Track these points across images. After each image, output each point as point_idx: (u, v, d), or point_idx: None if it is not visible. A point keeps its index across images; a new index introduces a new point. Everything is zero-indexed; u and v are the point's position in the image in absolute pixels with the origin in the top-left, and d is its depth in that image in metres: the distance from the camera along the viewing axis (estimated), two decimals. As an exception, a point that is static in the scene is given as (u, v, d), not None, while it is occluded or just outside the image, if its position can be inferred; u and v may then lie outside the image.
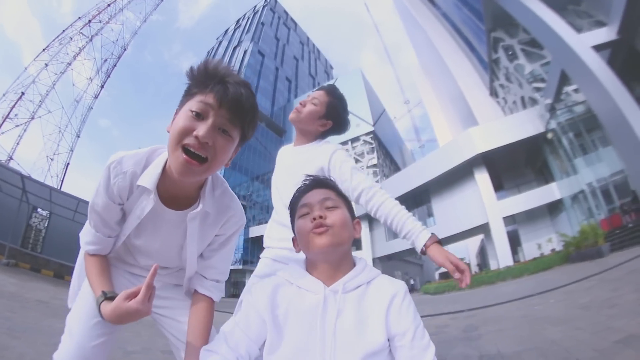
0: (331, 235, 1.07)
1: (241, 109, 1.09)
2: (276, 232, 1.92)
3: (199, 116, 1.04)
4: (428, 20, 52.52)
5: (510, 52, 27.34)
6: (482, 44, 31.92)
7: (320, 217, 1.09)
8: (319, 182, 1.25)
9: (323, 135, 2.07)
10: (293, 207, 1.25)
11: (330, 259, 1.11)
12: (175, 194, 1.23)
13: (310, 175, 1.28)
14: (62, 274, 14.72)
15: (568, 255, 14.23)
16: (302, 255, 1.21)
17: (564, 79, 18.97)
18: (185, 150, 1.04)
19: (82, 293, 1.32)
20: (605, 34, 17.13)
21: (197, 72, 1.09)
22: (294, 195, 1.26)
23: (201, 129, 1.02)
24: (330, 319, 1.01)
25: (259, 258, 2.00)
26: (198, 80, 1.08)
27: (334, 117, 2.05)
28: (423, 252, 1.54)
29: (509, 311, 6.52)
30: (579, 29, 18.26)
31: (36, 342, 3.71)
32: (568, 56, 17.07)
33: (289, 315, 1.04)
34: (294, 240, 1.23)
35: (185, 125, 1.04)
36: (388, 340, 1.01)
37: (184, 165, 1.04)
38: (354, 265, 1.16)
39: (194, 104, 1.05)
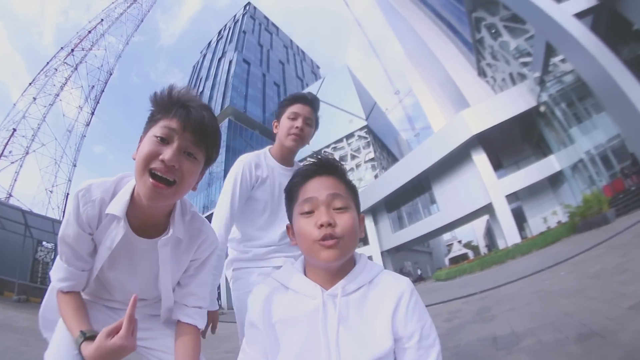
0: (340, 248, 0.95)
1: (204, 132, 1.11)
2: (272, 251, 1.93)
3: (164, 141, 1.06)
4: (408, 9, 52.61)
5: (493, 30, 27.23)
6: (464, 25, 31.89)
7: (330, 224, 0.95)
8: (326, 166, 1.08)
9: None
10: (291, 193, 1.10)
11: (334, 269, 1.01)
12: (145, 222, 1.21)
13: (316, 155, 1.14)
14: (74, 304, 14.75)
15: (574, 225, 14.20)
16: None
17: (550, 51, 18.84)
18: (152, 174, 1.05)
19: (59, 327, 1.26)
20: (586, 0, 17.03)
21: (159, 98, 1.11)
22: (293, 178, 1.11)
23: (167, 153, 1.04)
24: (331, 325, 0.93)
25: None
26: (161, 106, 1.10)
27: (316, 129, 2.06)
28: None
29: (521, 289, 6.52)
30: (558, -1, 18.22)
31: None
32: (551, 27, 16.93)
33: (287, 323, 0.97)
34: (288, 228, 1.13)
35: (150, 150, 1.05)
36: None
37: (152, 189, 1.05)
38: (355, 263, 1.07)
39: (158, 130, 1.07)
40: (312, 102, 1.99)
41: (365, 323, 0.95)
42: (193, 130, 1.08)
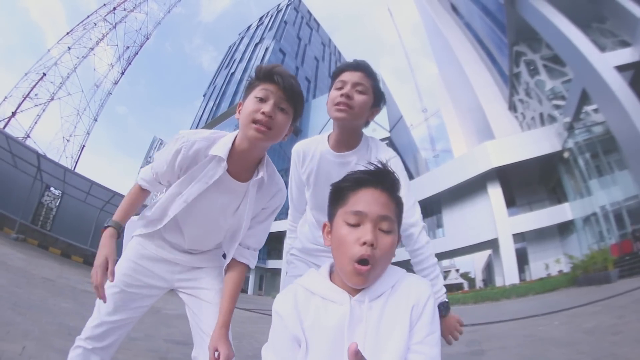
0: (370, 277, 0.96)
1: (293, 92, 1.44)
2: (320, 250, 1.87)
3: (262, 100, 1.39)
4: (451, 29, 52.04)
5: (531, 67, 27.02)
6: (503, 56, 31.53)
7: (372, 244, 0.94)
8: (382, 179, 1.05)
9: (366, 125, 1.72)
10: (339, 193, 1.07)
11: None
12: (240, 166, 1.51)
13: (370, 165, 1.07)
14: (69, 253, 14.83)
15: (575, 278, 13.98)
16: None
17: (585, 98, 18.68)
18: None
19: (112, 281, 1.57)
20: (629, 55, 16.76)
21: (263, 69, 1.44)
22: (344, 181, 1.07)
23: (266, 107, 1.38)
24: (359, 331, 0.93)
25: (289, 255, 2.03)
26: (262, 74, 1.43)
27: (380, 102, 1.70)
28: None
29: (513, 329, 6.48)
30: (602, 48, 17.97)
31: (41, 320, 3.71)
32: (590, 75, 16.82)
33: (314, 330, 0.96)
34: (325, 225, 1.11)
35: (254, 107, 1.39)
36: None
37: (256, 131, 1.36)
38: None
39: (258, 92, 1.40)
40: (363, 67, 1.63)
41: (386, 327, 0.94)
42: (285, 91, 1.41)
